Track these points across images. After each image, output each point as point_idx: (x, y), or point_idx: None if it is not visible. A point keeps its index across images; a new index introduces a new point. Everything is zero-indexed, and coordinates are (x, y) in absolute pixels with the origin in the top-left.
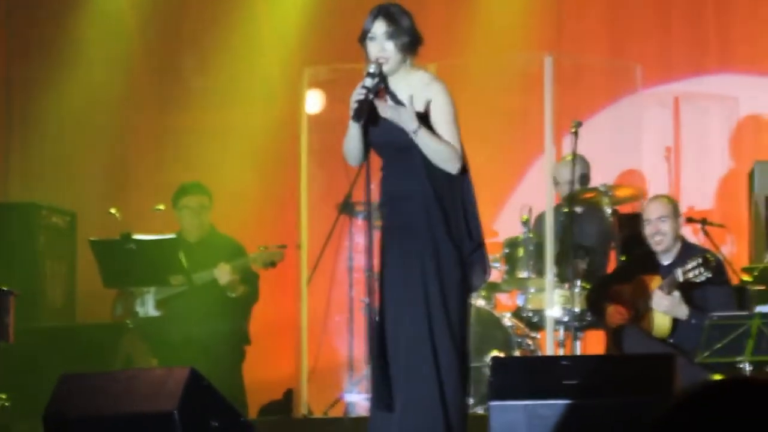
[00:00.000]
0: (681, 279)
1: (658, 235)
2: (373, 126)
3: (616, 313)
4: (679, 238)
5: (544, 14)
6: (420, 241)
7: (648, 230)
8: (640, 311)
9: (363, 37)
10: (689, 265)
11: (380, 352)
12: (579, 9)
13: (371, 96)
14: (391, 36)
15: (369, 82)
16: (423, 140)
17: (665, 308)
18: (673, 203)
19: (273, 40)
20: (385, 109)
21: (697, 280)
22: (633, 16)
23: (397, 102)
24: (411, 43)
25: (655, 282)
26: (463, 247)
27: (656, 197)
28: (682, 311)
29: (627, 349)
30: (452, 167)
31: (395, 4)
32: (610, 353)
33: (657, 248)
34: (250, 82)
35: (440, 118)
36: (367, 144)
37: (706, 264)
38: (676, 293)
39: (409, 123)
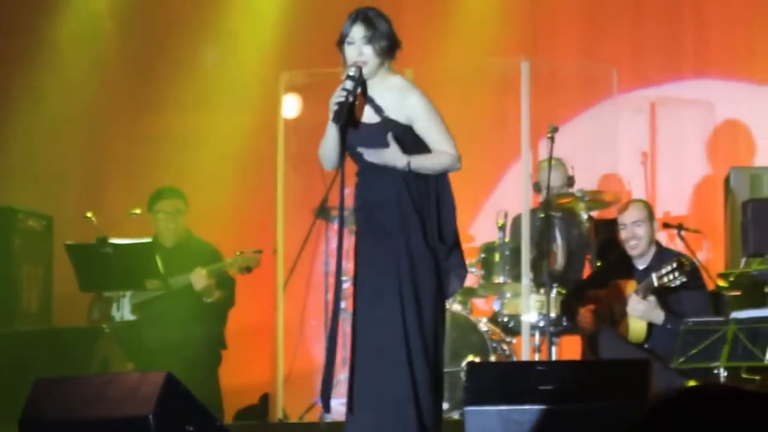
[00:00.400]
0: (656, 283)
1: (634, 240)
2: (351, 130)
3: (586, 313)
4: (654, 242)
5: (520, 20)
6: (395, 248)
7: (623, 234)
8: (616, 316)
9: (341, 41)
10: (664, 270)
11: (351, 356)
12: (555, 14)
13: (351, 99)
14: (369, 40)
15: (349, 84)
16: (419, 167)
17: (641, 313)
18: (648, 208)
19: (250, 44)
20: (369, 154)
21: (673, 285)
22: (609, 21)
23: (375, 107)
24: (389, 48)
25: (631, 286)
26: (438, 253)
27: (631, 202)
28: (658, 316)
29: (602, 354)
30: (453, 170)
31: (373, 8)
32: (585, 358)
33: (632, 252)
34: (227, 87)
35: (428, 127)
36: (344, 148)
37: (681, 268)
38: (652, 298)
39: (398, 162)
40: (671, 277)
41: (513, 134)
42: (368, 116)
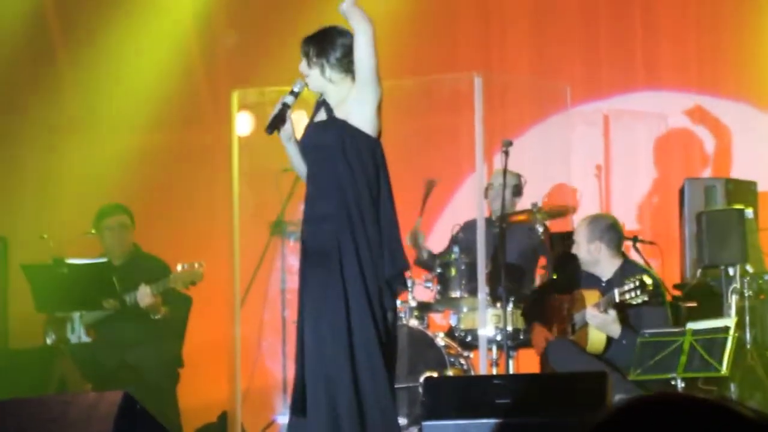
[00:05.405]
0: (618, 299)
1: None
2: (306, 131)
3: (539, 335)
4: (617, 255)
5: (472, 36)
6: (328, 267)
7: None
8: (577, 325)
9: None
10: (627, 287)
11: (300, 364)
12: (507, 30)
13: (288, 111)
14: (307, 58)
15: (290, 99)
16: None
17: (598, 324)
18: (590, 225)
19: (201, 62)
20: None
21: (634, 303)
22: (561, 35)
23: (327, 108)
24: (330, 66)
25: (592, 297)
26: (377, 272)
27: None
28: (614, 330)
29: (554, 362)
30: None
31: (325, 29)
32: (543, 371)
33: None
34: (179, 105)
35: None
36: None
37: (643, 287)
38: (612, 312)
39: None
40: (633, 294)
41: (467, 149)
42: (320, 116)
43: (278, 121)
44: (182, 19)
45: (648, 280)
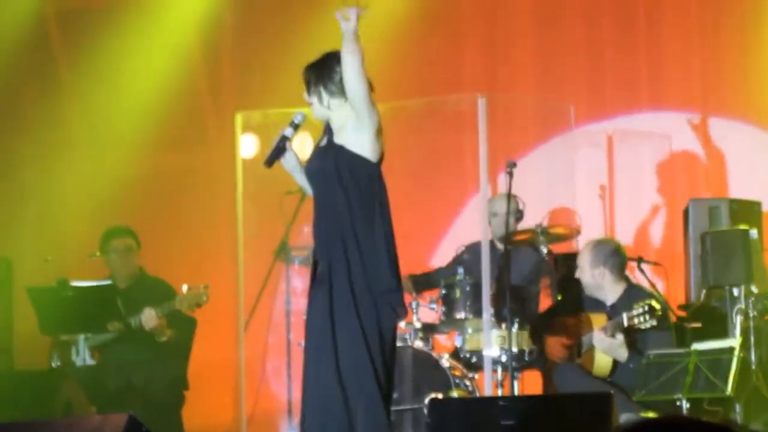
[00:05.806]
0: (626, 323)
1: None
2: (311, 156)
3: (555, 344)
4: (621, 279)
5: (476, 56)
6: (323, 290)
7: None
8: (583, 348)
9: None
10: (635, 311)
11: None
12: (511, 50)
13: (287, 143)
14: (308, 86)
15: (289, 131)
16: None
17: (605, 348)
18: (593, 251)
19: (205, 83)
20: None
21: (642, 327)
22: (565, 55)
23: (329, 130)
24: (329, 93)
25: (599, 321)
26: (373, 292)
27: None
28: (622, 354)
29: (560, 385)
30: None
31: (324, 55)
32: (547, 392)
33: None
34: (182, 126)
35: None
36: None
37: (652, 312)
38: (620, 336)
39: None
40: (641, 319)
41: (471, 170)
42: (323, 141)
43: (277, 154)
44: (186, 38)
45: (657, 306)
